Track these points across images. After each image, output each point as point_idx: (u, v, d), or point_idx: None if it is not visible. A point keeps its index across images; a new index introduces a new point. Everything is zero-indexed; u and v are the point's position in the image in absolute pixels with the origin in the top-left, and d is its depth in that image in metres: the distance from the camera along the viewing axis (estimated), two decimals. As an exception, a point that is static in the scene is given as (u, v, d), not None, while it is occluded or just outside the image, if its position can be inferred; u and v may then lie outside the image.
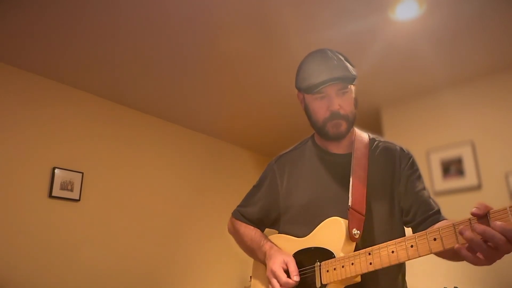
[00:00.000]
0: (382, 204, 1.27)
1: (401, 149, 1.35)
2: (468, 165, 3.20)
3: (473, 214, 0.85)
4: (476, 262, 0.87)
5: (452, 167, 3.26)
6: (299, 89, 1.37)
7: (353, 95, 1.33)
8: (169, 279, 3.65)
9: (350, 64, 1.31)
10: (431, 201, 1.26)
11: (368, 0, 2.40)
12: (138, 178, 3.64)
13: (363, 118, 1.40)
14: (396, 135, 3.58)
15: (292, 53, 2.80)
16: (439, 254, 0.99)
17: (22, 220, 2.85)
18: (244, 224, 1.51)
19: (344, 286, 1.15)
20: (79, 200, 3.16)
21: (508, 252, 0.84)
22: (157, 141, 3.90)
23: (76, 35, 2.66)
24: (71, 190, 3.13)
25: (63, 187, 3.09)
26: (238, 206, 1.56)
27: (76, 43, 2.75)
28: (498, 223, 0.81)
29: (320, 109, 1.30)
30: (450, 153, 3.29)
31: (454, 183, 3.23)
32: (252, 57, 2.98)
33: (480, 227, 0.83)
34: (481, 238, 0.83)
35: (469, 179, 3.17)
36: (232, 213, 1.57)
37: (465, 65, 3.14)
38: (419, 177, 1.31)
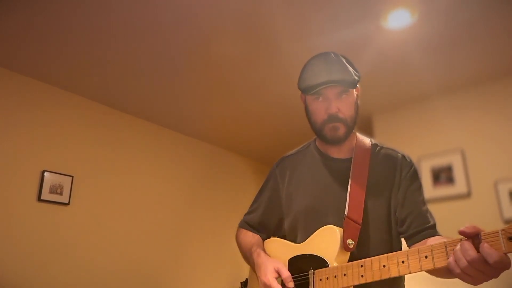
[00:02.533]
0: (380, 212, 1.24)
1: (403, 156, 1.31)
2: (458, 173, 3.23)
3: (460, 232, 0.84)
4: (466, 279, 0.86)
5: (442, 175, 3.29)
6: (300, 89, 1.35)
7: (354, 99, 1.32)
8: (161, 283, 3.62)
9: (354, 69, 1.30)
10: (428, 214, 1.23)
11: (360, 8, 2.42)
12: (128, 182, 3.61)
13: (354, 125, 1.39)
14: (387, 142, 3.54)
15: (285, 59, 2.81)
16: (431, 271, 0.98)
17: (10, 224, 2.80)
18: (244, 231, 1.48)
19: None
20: (68, 204, 3.12)
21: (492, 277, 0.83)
22: (149, 146, 3.87)
23: (68, 38, 2.64)
24: (61, 193, 3.08)
25: (53, 190, 3.04)
26: (244, 215, 1.54)
27: (69, 46, 2.73)
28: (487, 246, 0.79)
29: (319, 110, 1.28)
30: (440, 161, 3.32)
31: (444, 190, 3.25)
32: (246, 63, 2.98)
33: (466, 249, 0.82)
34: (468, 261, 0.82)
35: (459, 187, 3.20)
36: (238, 223, 1.54)
37: (456, 73, 3.17)
38: (419, 188, 1.27)
